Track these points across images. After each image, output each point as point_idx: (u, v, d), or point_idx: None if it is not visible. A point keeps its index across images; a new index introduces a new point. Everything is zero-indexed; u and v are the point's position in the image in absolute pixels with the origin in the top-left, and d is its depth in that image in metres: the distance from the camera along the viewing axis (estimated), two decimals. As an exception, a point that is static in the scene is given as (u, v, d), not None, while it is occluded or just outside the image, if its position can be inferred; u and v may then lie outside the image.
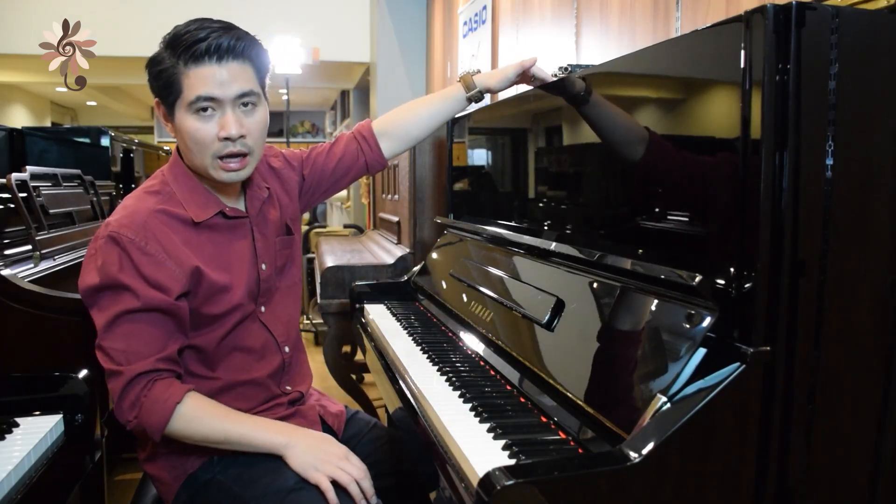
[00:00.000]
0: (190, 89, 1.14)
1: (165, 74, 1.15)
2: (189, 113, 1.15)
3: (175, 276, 1.15)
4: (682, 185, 1.08)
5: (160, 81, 1.16)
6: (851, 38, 0.89)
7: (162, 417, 1.12)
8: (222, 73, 1.14)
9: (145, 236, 1.14)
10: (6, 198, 1.99)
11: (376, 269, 2.55)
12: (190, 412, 1.14)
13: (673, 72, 1.13)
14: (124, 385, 1.12)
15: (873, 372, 0.95)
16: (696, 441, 0.86)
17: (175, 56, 1.14)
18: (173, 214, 1.20)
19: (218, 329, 1.23)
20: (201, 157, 1.18)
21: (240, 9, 5.71)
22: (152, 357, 1.13)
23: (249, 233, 1.29)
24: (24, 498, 1.25)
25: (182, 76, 1.14)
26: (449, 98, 1.49)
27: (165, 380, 1.14)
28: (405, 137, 1.52)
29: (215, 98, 1.14)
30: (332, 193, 1.52)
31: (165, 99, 1.17)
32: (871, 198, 0.93)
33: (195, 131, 1.15)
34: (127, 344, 1.13)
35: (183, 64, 1.13)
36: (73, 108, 12.73)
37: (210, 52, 1.13)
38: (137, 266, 1.13)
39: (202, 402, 1.17)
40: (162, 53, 1.16)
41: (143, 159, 4.73)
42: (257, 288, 1.28)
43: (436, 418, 1.16)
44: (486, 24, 3.71)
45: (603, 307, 1.16)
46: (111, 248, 1.14)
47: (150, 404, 1.12)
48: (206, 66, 1.13)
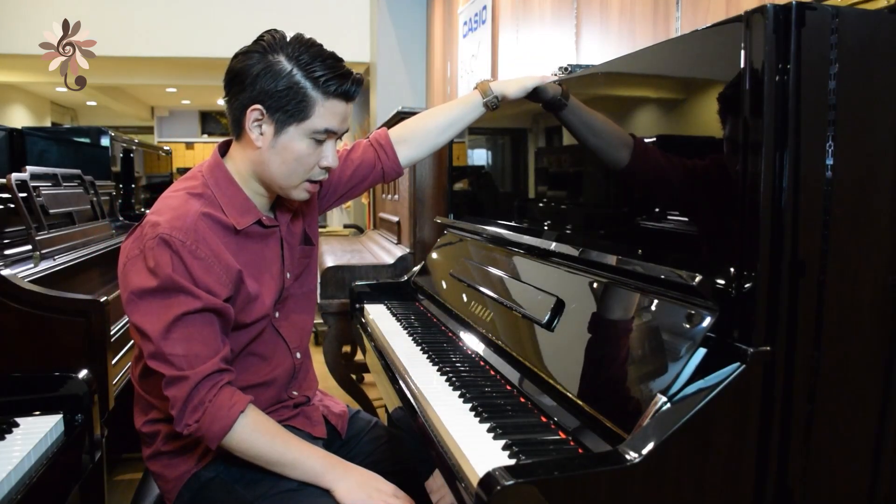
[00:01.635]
0: (320, 119, 1.15)
1: (300, 95, 1.13)
2: (306, 137, 1.16)
3: (222, 280, 1.15)
4: (682, 185, 1.08)
5: (286, 97, 1.13)
6: (851, 38, 0.89)
7: (224, 425, 1.10)
8: (347, 112, 1.19)
9: (195, 239, 1.13)
10: (6, 198, 1.99)
11: (376, 269, 2.55)
12: (251, 425, 1.12)
13: (673, 72, 1.13)
14: (190, 390, 1.09)
15: (873, 372, 0.95)
16: (696, 441, 0.86)
17: (312, 81, 1.14)
18: (217, 219, 1.19)
19: (243, 336, 1.23)
20: (292, 178, 1.19)
21: (240, 9, 5.71)
22: (214, 358, 1.11)
23: (279, 242, 1.29)
24: (24, 498, 1.25)
25: (317, 104, 1.15)
26: (465, 105, 1.48)
27: (230, 387, 1.12)
28: (422, 145, 1.52)
29: (335, 132, 1.19)
30: (346, 200, 1.52)
31: (279, 113, 1.14)
32: (871, 198, 0.93)
33: (306, 156, 1.17)
34: (188, 348, 1.10)
35: (322, 94, 1.14)
36: (73, 108, 12.73)
37: (351, 95, 1.17)
38: (189, 269, 1.11)
39: (262, 418, 1.15)
40: (291, 69, 1.13)
41: (143, 159, 4.73)
42: (279, 296, 1.29)
43: (436, 418, 1.16)
44: (486, 24, 3.71)
45: (603, 307, 1.16)
46: (163, 250, 1.11)
47: (215, 410, 1.10)
48: (342, 104, 1.18)
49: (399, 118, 2.54)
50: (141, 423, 1.27)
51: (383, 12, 5.52)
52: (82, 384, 1.57)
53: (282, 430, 1.17)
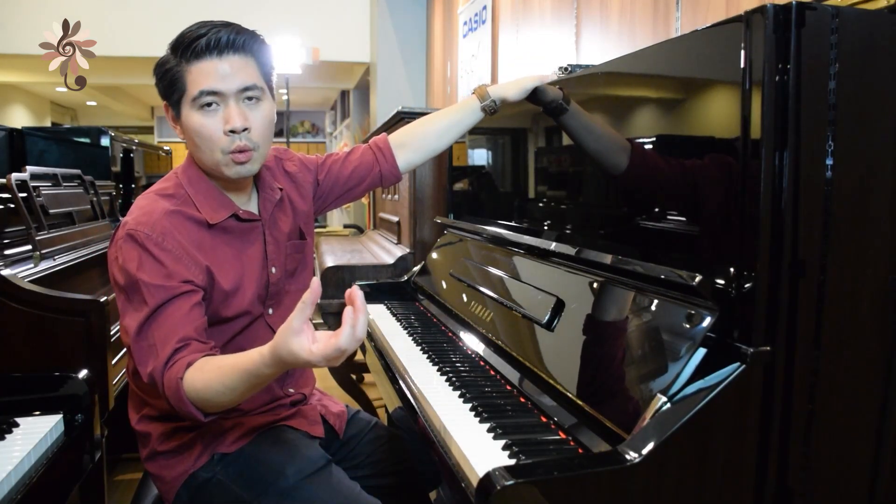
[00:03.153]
0: (192, 85, 1.15)
1: (170, 74, 1.16)
2: (193, 109, 1.16)
3: (192, 270, 1.15)
4: (681, 185, 1.08)
5: (165, 81, 1.17)
6: (851, 37, 0.89)
7: (179, 398, 1.05)
8: (223, 67, 1.15)
9: (161, 232, 1.14)
10: (6, 198, 1.99)
11: (376, 269, 2.55)
12: (191, 385, 1.05)
13: (673, 72, 1.13)
14: (160, 381, 1.07)
15: (873, 372, 0.95)
16: (696, 441, 0.86)
17: (178, 55, 1.15)
18: (188, 216, 1.19)
19: (226, 331, 1.23)
20: (210, 154, 1.18)
21: (240, 9, 5.71)
22: (171, 342, 1.08)
23: (261, 236, 1.29)
24: (24, 498, 1.25)
25: (185, 73, 1.15)
26: (463, 110, 1.49)
27: (177, 362, 1.08)
28: (420, 149, 1.52)
29: (217, 92, 1.15)
30: (343, 202, 1.52)
31: (171, 98, 1.18)
32: (871, 198, 0.93)
33: (200, 127, 1.16)
34: (156, 339, 1.09)
35: (185, 61, 1.14)
36: (73, 108, 12.73)
37: (210, 46, 1.14)
38: (158, 259, 1.12)
39: (198, 370, 1.06)
40: (167, 55, 1.17)
41: (143, 159, 4.73)
42: (266, 291, 1.28)
43: (436, 418, 1.16)
44: (486, 24, 3.71)
45: (603, 307, 1.16)
46: (130, 246, 1.13)
47: (168, 391, 1.06)
48: (206, 61, 1.14)
49: (399, 118, 2.54)
50: (135, 420, 1.27)
51: (383, 12, 5.53)
52: (82, 384, 1.57)
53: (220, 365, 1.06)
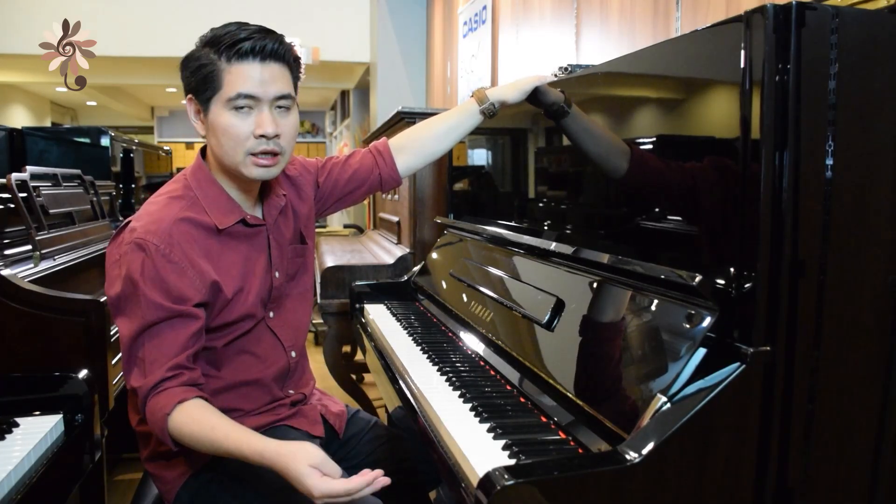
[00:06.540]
0: (230, 85, 1.15)
1: (205, 70, 1.15)
2: (226, 109, 1.16)
3: (195, 285, 1.15)
4: (682, 185, 1.08)
5: (198, 77, 1.16)
6: (851, 38, 0.89)
7: (160, 427, 1.10)
8: (264, 73, 1.15)
9: (170, 243, 1.14)
10: (6, 198, 1.99)
11: (376, 269, 2.55)
12: (177, 426, 1.09)
13: (673, 72, 1.13)
14: (143, 398, 1.11)
15: (873, 372, 0.95)
16: (696, 441, 0.86)
17: (217, 53, 1.15)
18: (197, 222, 1.20)
19: (228, 334, 1.24)
20: (233, 154, 1.18)
21: (240, 9, 5.70)
22: (166, 365, 1.11)
23: (266, 241, 1.30)
24: (24, 498, 1.25)
25: (223, 72, 1.15)
26: (462, 113, 1.49)
27: (166, 391, 1.10)
28: (420, 153, 1.52)
29: (254, 96, 1.15)
30: (343, 205, 1.53)
31: (201, 94, 1.17)
32: (871, 198, 0.93)
33: (231, 127, 1.16)
34: (148, 355, 1.12)
35: (225, 60, 1.14)
36: (73, 108, 12.72)
37: (255, 51, 1.14)
38: (161, 273, 1.13)
39: (188, 419, 1.09)
40: (200, 51, 1.17)
41: (142, 159, 4.72)
42: (268, 295, 1.29)
43: (436, 418, 1.16)
44: (486, 24, 3.71)
45: (603, 307, 1.16)
46: (136, 255, 1.13)
47: (150, 416, 1.10)
48: (248, 64, 1.15)
49: (399, 118, 2.55)
50: (135, 421, 1.27)
51: (383, 12, 5.52)
52: (82, 384, 1.57)
53: (214, 425, 1.08)
